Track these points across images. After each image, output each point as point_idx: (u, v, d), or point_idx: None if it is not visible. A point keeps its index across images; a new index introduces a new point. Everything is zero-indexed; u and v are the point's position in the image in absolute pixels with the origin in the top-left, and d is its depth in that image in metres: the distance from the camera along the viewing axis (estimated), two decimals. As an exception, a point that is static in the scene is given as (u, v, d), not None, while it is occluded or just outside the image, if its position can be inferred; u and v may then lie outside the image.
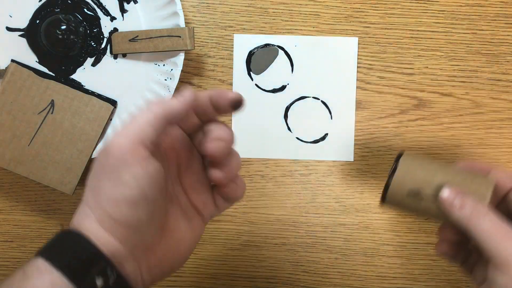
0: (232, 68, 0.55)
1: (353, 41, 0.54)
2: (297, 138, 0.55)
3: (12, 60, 0.52)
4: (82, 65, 0.53)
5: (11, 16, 0.53)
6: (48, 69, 0.53)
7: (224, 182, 0.37)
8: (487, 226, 0.36)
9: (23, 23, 0.53)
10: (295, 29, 0.54)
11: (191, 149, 0.38)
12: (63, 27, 0.52)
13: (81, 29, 0.53)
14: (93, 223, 0.33)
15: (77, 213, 0.34)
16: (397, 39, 0.54)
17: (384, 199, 0.41)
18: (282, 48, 0.54)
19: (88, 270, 0.31)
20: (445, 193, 0.38)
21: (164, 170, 0.34)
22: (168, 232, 0.36)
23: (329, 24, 0.54)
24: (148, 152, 0.33)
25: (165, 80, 0.52)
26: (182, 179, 0.38)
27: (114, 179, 0.32)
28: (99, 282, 0.31)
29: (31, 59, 0.53)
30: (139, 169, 0.32)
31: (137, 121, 0.33)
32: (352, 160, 0.55)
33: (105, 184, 0.33)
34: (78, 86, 0.53)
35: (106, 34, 0.53)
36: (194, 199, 0.38)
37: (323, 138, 0.55)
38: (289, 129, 0.55)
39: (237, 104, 0.35)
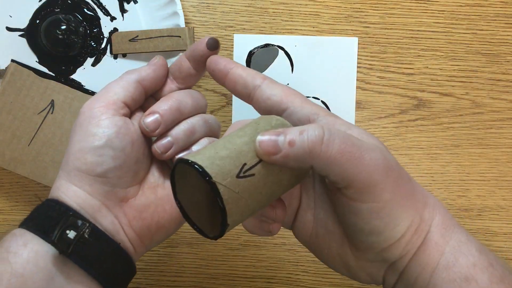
0: (232, 68, 0.55)
1: (353, 41, 0.54)
2: (297, 138, 0.55)
3: (12, 60, 0.52)
4: (82, 65, 0.53)
5: (11, 16, 0.53)
6: (48, 69, 0.53)
7: (169, 154, 0.36)
8: (337, 148, 0.28)
9: (23, 23, 0.53)
10: (295, 29, 0.54)
11: None
12: (63, 27, 0.52)
13: (81, 29, 0.53)
14: (62, 181, 0.34)
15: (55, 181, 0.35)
16: (397, 39, 0.54)
17: (224, 224, 0.28)
18: (282, 48, 0.54)
19: (56, 225, 0.32)
20: (264, 143, 0.28)
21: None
22: (148, 187, 0.37)
23: (329, 24, 0.54)
24: (118, 109, 0.35)
25: (165, 80, 0.52)
26: None
27: (82, 133, 0.34)
28: (71, 234, 0.32)
29: (31, 59, 0.53)
30: (106, 121, 0.34)
31: (109, 86, 0.36)
32: (352, 160, 0.55)
33: (73, 140, 0.34)
34: (78, 86, 0.53)
35: (106, 34, 0.53)
36: None
37: (323, 138, 0.55)
38: (289, 129, 0.55)
39: (211, 42, 0.36)
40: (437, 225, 0.31)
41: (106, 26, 0.53)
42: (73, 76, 0.53)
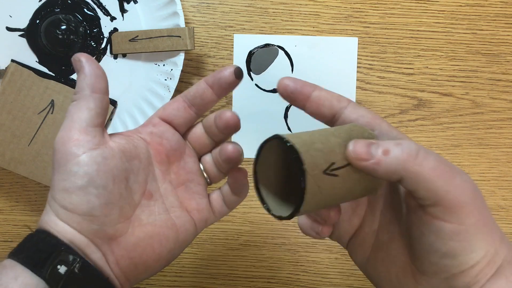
0: (232, 68, 0.55)
1: (353, 41, 0.54)
2: (297, 138, 0.55)
3: (12, 60, 0.52)
4: (82, 65, 0.53)
5: (11, 16, 0.53)
6: (48, 69, 0.53)
7: (236, 159, 0.37)
8: (431, 165, 0.28)
9: (23, 23, 0.53)
10: (295, 29, 0.54)
11: (182, 147, 0.38)
12: (63, 27, 0.52)
13: (81, 29, 0.53)
14: (51, 217, 0.34)
15: (43, 213, 0.35)
16: (397, 39, 0.54)
17: (299, 207, 0.29)
18: (282, 48, 0.54)
19: (48, 259, 0.32)
20: (357, 147, 0.29)
21: (138, 163, 0.36)
22: (138, 225, 0.36)
23: (329, 24, 0.54)
24: (93, 137, 0.34)
25: (165, 80, 0.52)
26: (171, 177, 0.38)
27: (63, 172, 0.33)
28: (62, 269, 0.32)
29: (31, 59, 0.53)
30: (85, 158, 0.33)
31: (73, 111, 0.35)
32: (352, 160, 0.55)
33: (56, 178, 0.34)
34: (78, 86, 0.53)
35: (106, 34, 0.53)
36: (185, 200, 0.38)
37: (323, 138, 0.55)
38: (289, 129, 0.55)
39: (238, 72, 0.36)
40: (509, 262, 0.31)
41: (106, 26, 0.53)
42: (73, 76, 0.53)
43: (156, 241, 0.36)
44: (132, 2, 0.53)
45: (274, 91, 0.55)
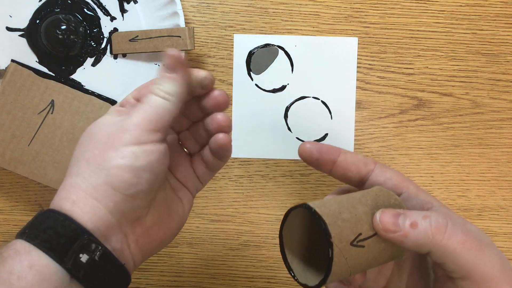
0: (232, 68, 0.55)
1: (353, 41, 0.54)
2: (297, 138, 0.55)
3: (12, 60, 0.52)
4: (82, 65, 0.53)
5: (11, 16, 0.53)
6: (48, 69, 0.53)
7: (223, 122, 0.38)
8: (459, 239, 0.29)
9: (23, 23, 0.53)
10: (295, 29, 0.54)
11: None
12: (63, 27, 0.52)
13: (81, 29, 0.53)
14: (80, 193, 0.32)
15: (59, 190, 0.33)
16: (397, 39, 0.54)
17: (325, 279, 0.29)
18: (282, 48, 0.54)
19: (70, 247, 0.30)
20: (384, 218, 0.30)
21: None
22: (156, 203, 0.36)
23: (329, 24, 0.54)
24: (163, 136, 0.34)
25: (165, 80, 0.52)
26: None
27: (124, 153, 0.32)
28: (83, 258, 0.30)
29: (31, 59, 0.53)
30: (152, 147, 0.33)
31: (156, 107, 0.34)
32: (352, 160, 0.55)
33: (110, 154, 0.32)
34: (78, 86, 0.53)
35: (106, 34, 0.53)
36: (176, 173, 0.39)
37: (323, 138, 0.55)
38: (289, 129, 0.55)
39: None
40: None
41: (106, 26, 0.53)
42: (73, 76, 0.53)
43: (170, 217, 0.37)
44: (132, 2, 0.53)
45: (274, 91, 0.55)
